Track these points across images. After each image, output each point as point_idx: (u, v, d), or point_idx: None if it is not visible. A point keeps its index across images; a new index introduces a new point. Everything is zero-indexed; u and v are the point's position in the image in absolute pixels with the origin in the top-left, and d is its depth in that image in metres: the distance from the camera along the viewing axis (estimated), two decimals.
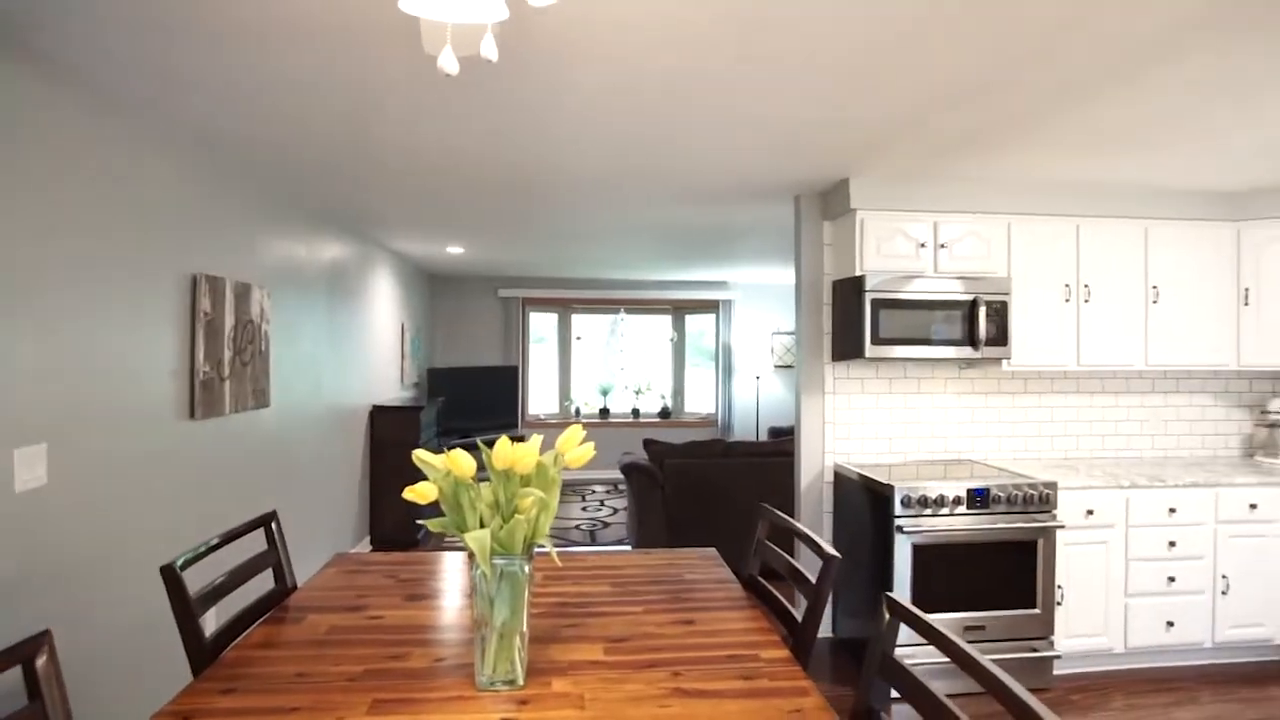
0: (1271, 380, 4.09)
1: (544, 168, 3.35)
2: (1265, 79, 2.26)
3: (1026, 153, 3.07)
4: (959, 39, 1.97)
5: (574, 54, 2.05)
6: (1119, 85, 2.32)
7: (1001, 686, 1.00)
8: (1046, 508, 3.19)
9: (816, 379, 3.77)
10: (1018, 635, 3.18)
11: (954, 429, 3.86)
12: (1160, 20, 1.85)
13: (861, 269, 3.46)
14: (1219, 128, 2.73)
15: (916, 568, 3.12)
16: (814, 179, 3.56)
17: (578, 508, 6.88)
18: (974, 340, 3.43)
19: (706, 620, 1.69)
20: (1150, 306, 3.68)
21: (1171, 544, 3.34)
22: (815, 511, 3.76)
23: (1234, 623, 3.38)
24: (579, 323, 8.66)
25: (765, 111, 2.57)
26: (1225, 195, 3.74)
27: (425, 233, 5.23)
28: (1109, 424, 3.97)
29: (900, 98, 2.43)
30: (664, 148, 3.03)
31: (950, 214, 3.53)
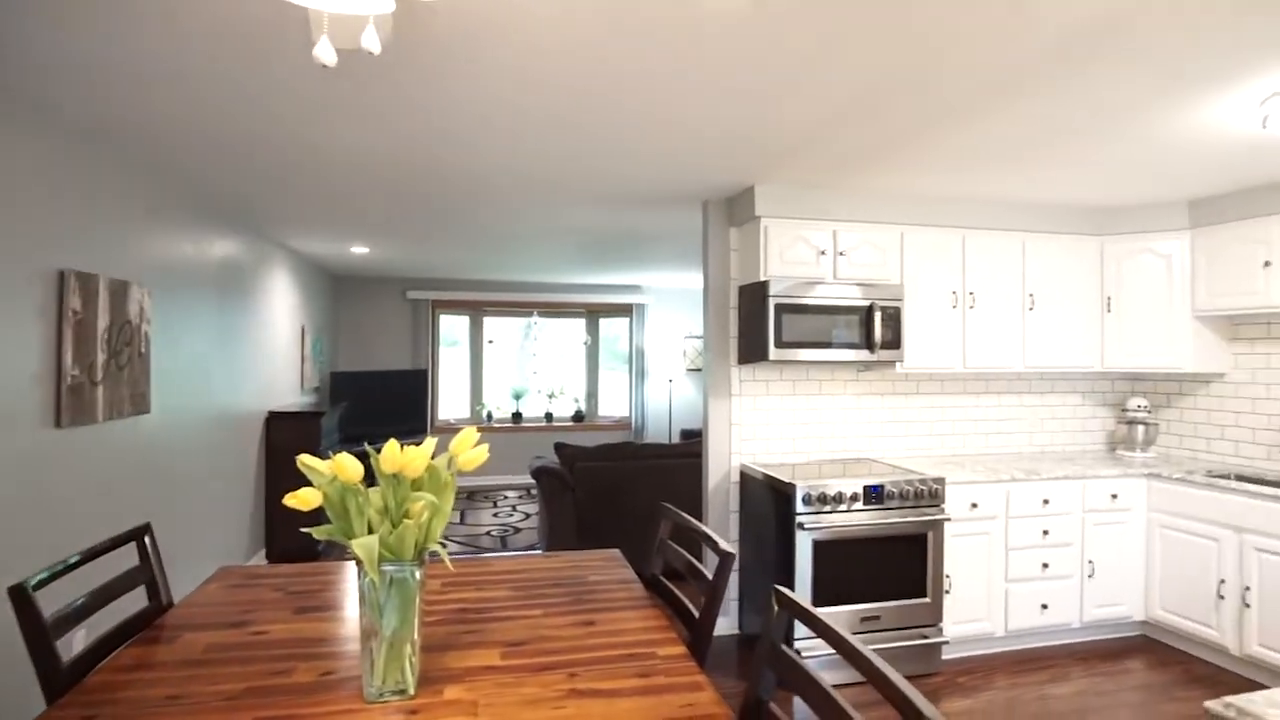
0: (1130, 381, 4.48)
1: (449, 170, 3.29)
2: (1118, 108, 2.48)
3: (916, 167, 3.25)
4: (851, 59, 2.07)
5: (475, 57, 2.02)
6: (993, 110, 2.49)
7: (879, 674, 1.05)
8: (936, 502, 3.38)
9: (723, 381, 3.86)
10: (910, 624, 3.35)
11: (853, 429, 4.03)
12: (1023, 51, 2.01)
13: (765, 274, 3.57)
14: (1082, 150, 2.98)
15: (817, 562, 3.23)
16: (721, 186, 3.65)
17: (489, 514, 6.76)
18: (870, 344, 3.59)
19: (606, 621, 1.69)
20: (1027, 313, 3.97)
21: (1045, 532, 3.61)
22: (722, 511, 3.84)
23: (1098, 603, 3.68)
24: (491, 325, 8.53)
25: (672, 121, 2.62)
26: (1091, 211, 4.08)
27: (326, 232, 5.02)
28: (992, 422, 4.25)
29: (799, 113, 2.53)
30: (573, 153, 3.03)
31: (849, 223, 3.69)
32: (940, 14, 1.82)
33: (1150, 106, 2.49)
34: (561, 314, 8.68)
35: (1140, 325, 3.98)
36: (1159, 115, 2.57)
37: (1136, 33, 1.92)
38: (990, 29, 1.90)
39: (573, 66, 2.13)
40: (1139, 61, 2.11)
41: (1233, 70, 2.18)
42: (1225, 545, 3.35)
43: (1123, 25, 1.88)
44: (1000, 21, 1.85)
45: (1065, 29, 1.90)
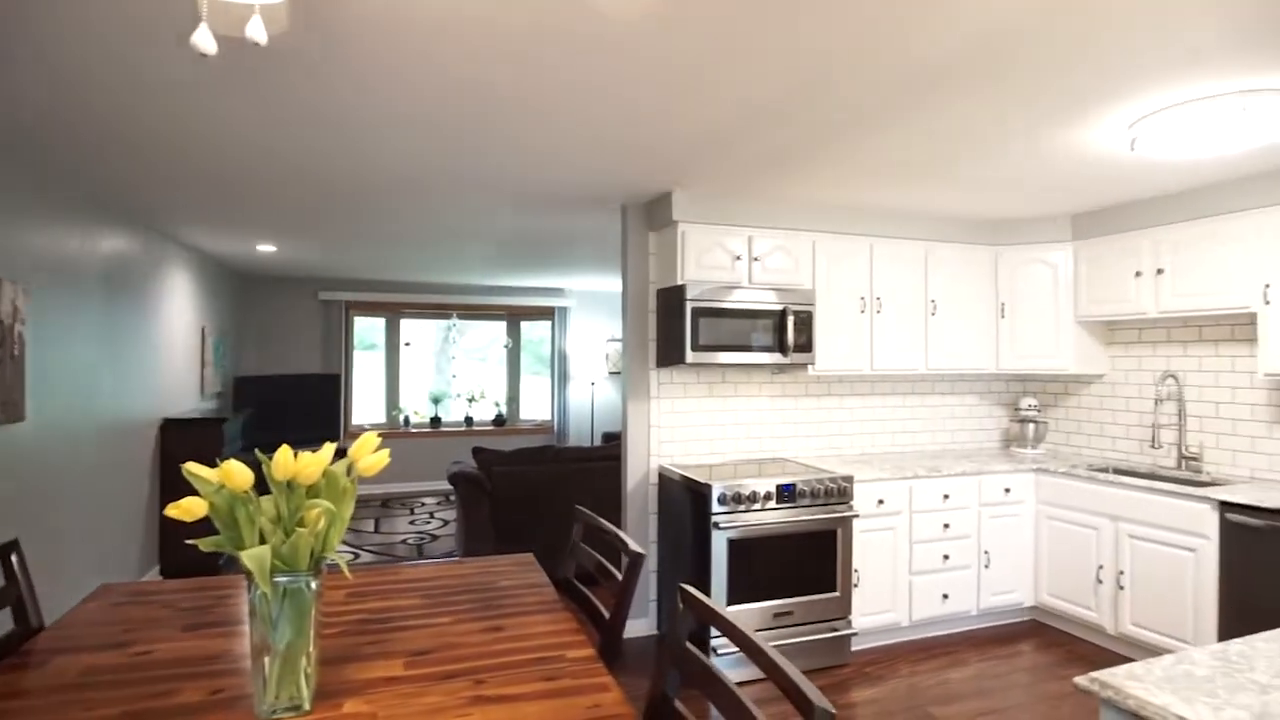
0: (1022, 382, 4.78)
1: (360, 169, 3.19)
2: (1001, 128, 2.65)
3: (825, 178, 3.38)
4: (752, 71, 2.13)
5: (383, 53, 1.97)
6: (887, 126, 2.62)
7: (775, 667, 1.09)
8: (845, 499, 3.51)
9: (642, 384, 3.89)
10: (821, 617, 3.46)
11: (768, 429, 4.14)
12: (911, 71, 2.12)
13: (683, 279, 3.62)
14: (974, 166, 3.16)
15: (732, 561, 3.30)
16: (639, 191, 3.68)
17: (405, 521, 6.57)
18: (784, 347, 3.70)
19: (515, 626, 1.68)
20: (930, 318, 4.17)
21: (946, 526, 3.80)
22: (641, 512, 3.87)
23: (994, 591, 3.91)
24: (409, 328, 8.30)
25: (587, 126, 2.62)
26: (987, 223, 4.34)
27: (228, 229, 4.77)
28: (898, 422, 4.45)
29: (709, 120, 2.58)
30: (490, 155, 3.00)
31: (763, 229, 3.79)
32: (829, 33, 1.89)
33: (1031, 127, 2.66)
34: (482, 316, 8.54)
35: (1031, 330, 4.26)
36: (1040, 135, 2.76)
37: (1014, 59, 2.06)
38: (878, 48, 1.99)
39: (488, 68, 2.11)
40: (1017, 85, 2.26)
41: (1103, 96, 2.36)
42: (1103, 533, 3.61)
43: (1000, 51, 2.01)
44: (887, 41, 1.95)
45: (949, 52, 2.01)
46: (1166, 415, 3.96)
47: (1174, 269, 3.63)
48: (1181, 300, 3.60)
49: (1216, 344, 3.74)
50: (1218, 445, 3.71)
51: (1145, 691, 1.31)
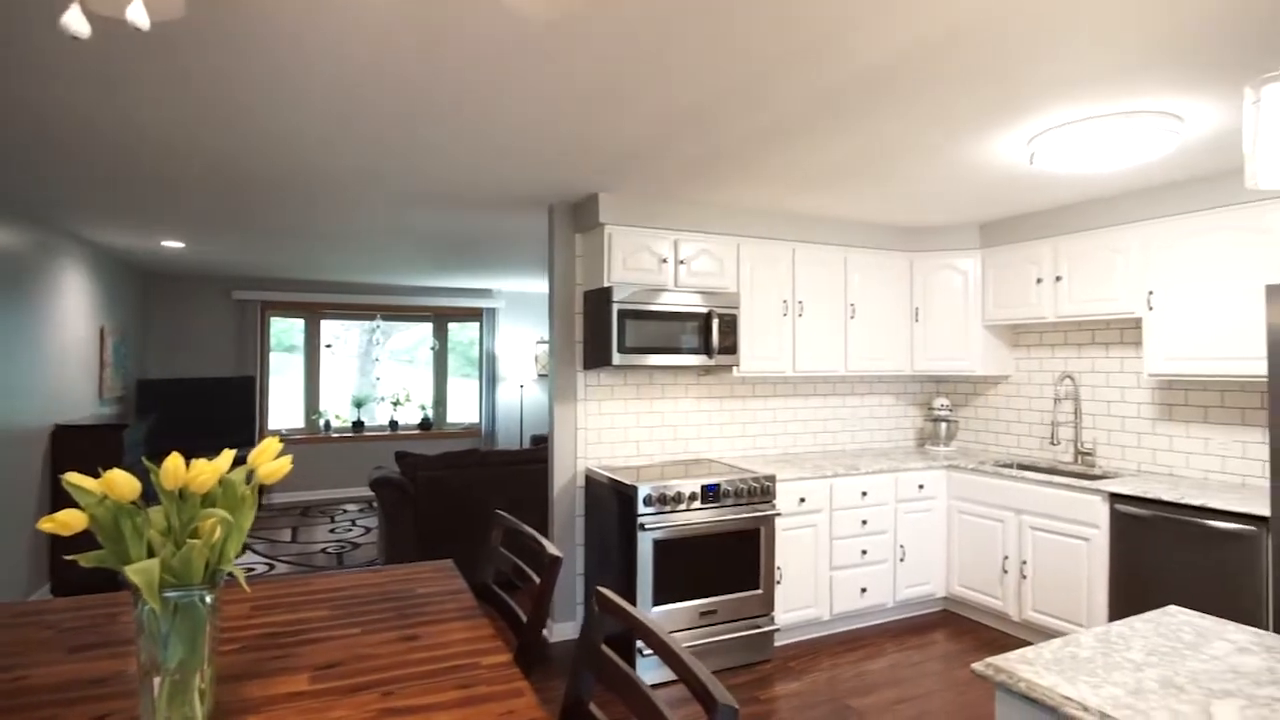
0: (936, 383, 5.00)
1: (271, 164, 3.06)
2: (912, 140, 2.77)
3: (749, 183, 3.44)
4: (680, 75, 2.15)
5: (292, 43, 1.90)
6: (806, 135, 2.69)
7: (683, 665, 1.10)
8: (768, 498, 3.58)
9: (569, 386, 3.87)
10: (745, 615, 3.52)
11: (694, 431, 4.19)
12: (826, 85, 2.19)
13: (609, 281, 3.63)
14: (887, 175, 3.29)
15: (658, 561, 3.32)
16: (566, 193, 3.67)
17: (325, 529, 6.34)
18: (710, 349, 3.75)
19: (430, 634, 1.64)
20: (849, 321, 4.31)
21: (864, 522, 3.93)
22: (568, 515, 3.85)
23: (908, 583, 4.07)
24: (330, 329, 8.02)
25: (511, 126, 2.60)
26: (902, 230, 4.52)
27: (131, 223, 4.50)
28: (819, 422, 4.58)
29: (634, 126, 2.60)
30: (406, 153, 2.92)
31: (689, 233, 3.84)
32: (752, 45, 1.94)
33: (943, 140, 2.79)
34: (408, 318, 8.33)
35: (942, 333, 4.45)
36: (951, 147, 2.89)
37: (927, 76, 2.16)
38: (801, 61, 2.05)
39: (403, 64, 2.06)
40: (930, 100, 2.37)
41: (1007, 113, 2.50)
42: (1008, 525, 3.81)
43: (914, 69, 2.10)
44: (810, 55, 2.01)
45: (866, 68, 2.09)
46: (1064, 413, 4.21)
47: (1070, 276, 3.87)
48: (1077, 306, 3.84)
49: (1107, 347, 4.00)
50: (1109, 441, 3.97)
51: (1034, 674, 1.39)
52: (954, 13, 1.79)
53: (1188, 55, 2.05)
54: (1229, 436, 3.48)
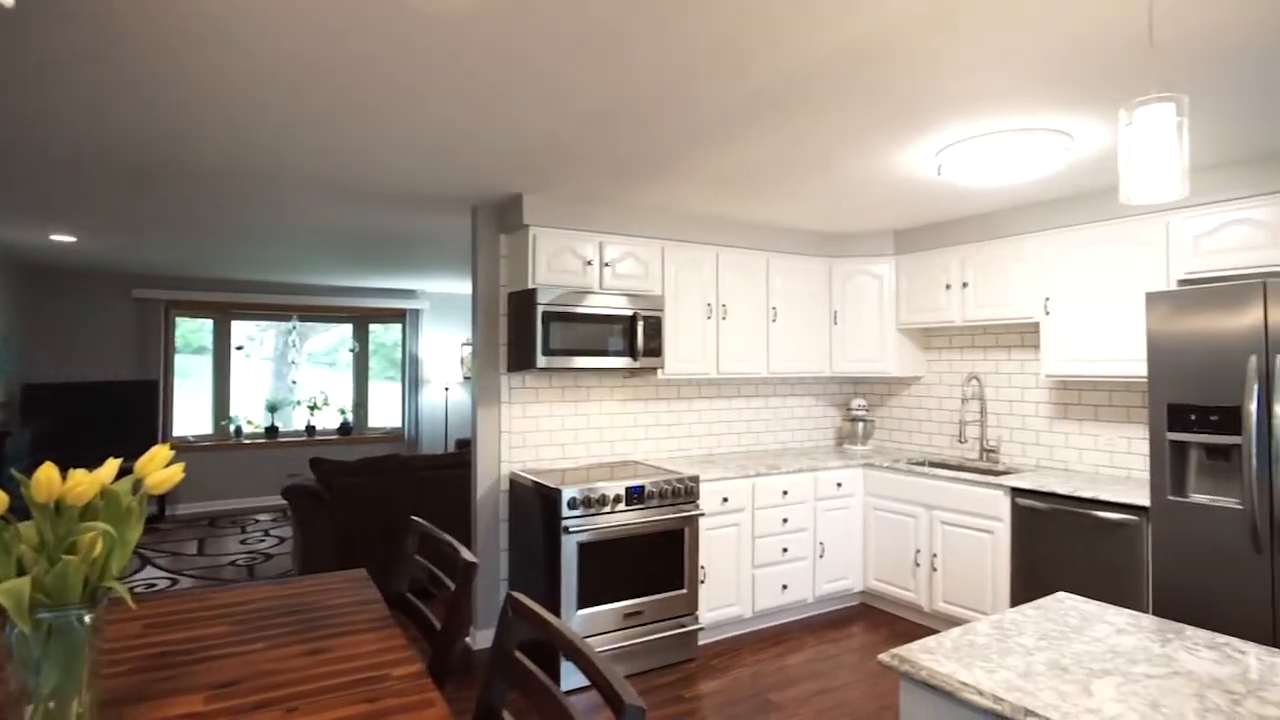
0: (854, 384, 5.18)
1: (173, 152, 2.89)
2: (824, 150, 2.86)
3: (673, 186, 3.48)
4: (600, 77, 2.16)
5: (192, 27, 1.80)
6: (736, 140, 2.75)
7: (594, 668, 1.10)
8: (691, 499, 3.62)
9: (493, 389, 3.81)
10: (670, 615, 3.55)
11: (620, 433, 4.19)
12: (743, 92, 2.24)
13: (534, 282, 3.60)
14: (803, 183, 3.39)
15: (583, 564, 3.31)
16: (490, 193, 3.62)
17: (235, 541, 6.04)
18: (635, 351, 3.77)
19: (339, 646, 1.58)
20: (771, 324, 4.41)
21: (785, 520, 4.03)
22: (492, 520, 3.79)
23: (828, 578, 4.19)
24: (241, 330, 7.65)
25: (431, 124, 2.54)
26: (822, 236, 4.66)
27: (12, 214, 4.17)
28: (743, 423, 4.67)
29: (556, 127, 2.59)
30: (323, 149, 2.82)
31: (615, 235, 3.85)
32: (673, 51, 1.96)
33: (858, 149, 2.89)
34: (327, 319, 8.04)
35: (859, 336, 4.62)
36: (865, 157, 3.00)
37: (842, 87, 2.23)
38: (720, 69, 2.09)
39: (314, 49, 1.98)
40: (845, 110, 2.45)
41: (916, 126, 2.61)
42: (920, 521, 3.98)
43: (830, 80, 2.17)
44: (730, 62, 2.05)
45: (785, 77, 2.14)
46: (971, 413, 4.43)
47: (976, 283, 4.08)
48: (982, 311, 4.05)
49: (1010, 349, 4.23)
50: (1012, 438, 4.20)
51: (934, 662, 1.46)
52: (865, 27, 1.86)
53: (1074, 78, 2.19)
54: (1116, 433, 3.74)
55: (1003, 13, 1.78)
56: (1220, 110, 2.46)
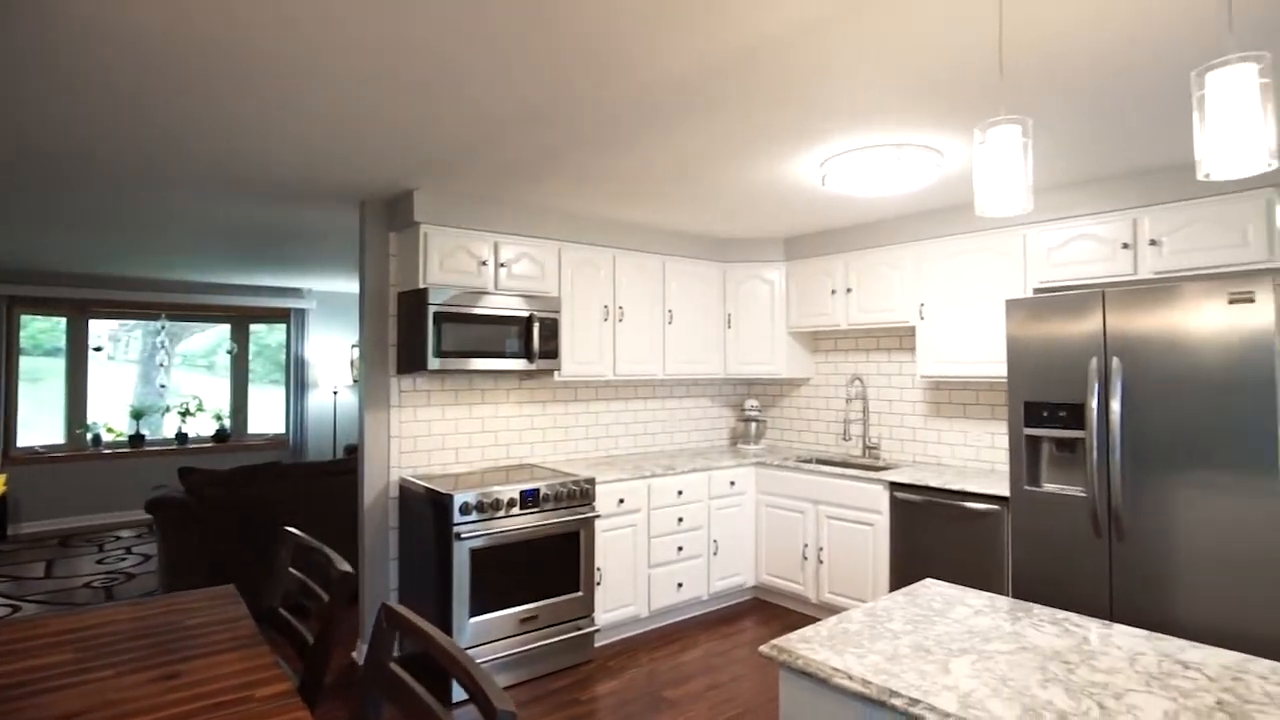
0: (747, 385, 5.33)
1: (11, 130, 2.61)
2: (714, 157, 2.93)
3: (569, 188, 3.47)
4: (489, 79, 2.12)
5: None
6: (628, 143, 2.77)
7: (466, 674, 1.07)
8: (587, 500, 3.62)
9: (382, 392, 3.67)
10: (566, 618, 3.53)
11: (516, 436, 4.14)
12: (629, 99, 2.26)
13: (425, 282, 3.49)
14: (702, 189, 3.46)
15: (476, 571, 3.24)
16: (379, 188, 3.48)
17: (92, 561, 5.52)
18: (530, 353, 3.73)
19: (197, 669, 1.48)
20: (667, 327, 4.48)
21: (680, 520, 4.09)
22: (381, 528, 3.65)
23: (721, 575, 4.29)
24: (101, 330, 7.01)
25: (314, 113, 2.41)
26: (716, 241, 4.77)
27: None
28: (640, 424, 4.71)
29: (448, 126, 2.52)
30: (191, 135, 2.62)
31: (510, 236, 3.79)
32: (564, 53, 1.96)
33: (747, 156, 2.98)
34: (202, 318, 7.49)
35: (752, 339, 4.76)
36: (755, 164, 3.09)
37: (730, 94, 2.29)
38: (611, 73, 2.10)
39: (204, 23, 1.84)
40: (734, 117, 2.52)
41: (802, 136, 2.72)
42: (808, 516, 4.15)
43: (718, 87, 2.22)
44: (621, 66, 2.06)
45: (675, 83, 2.18)
46: (855, 412, 4.66)
47: (859, 289, 4.30)
48: (864, 315, 4.27)
49: (889, 352, 4.49)
50: (891, 436, 4.45)
51: (810, 651, 1.52)
52: (750, 36, 1.92)
53: (940, 99, 2.35)
54: (983, 429, 4.03)
55: (875, 33, 1.89)
56: (1067, 137, 2.71)
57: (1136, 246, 3.20)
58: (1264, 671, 1.38)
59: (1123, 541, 2.83)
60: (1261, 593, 2.51)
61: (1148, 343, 2.77)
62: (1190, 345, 2.67)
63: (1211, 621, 2.61)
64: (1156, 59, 2.06)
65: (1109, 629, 1.62)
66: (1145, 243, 3.17)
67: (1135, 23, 1.85)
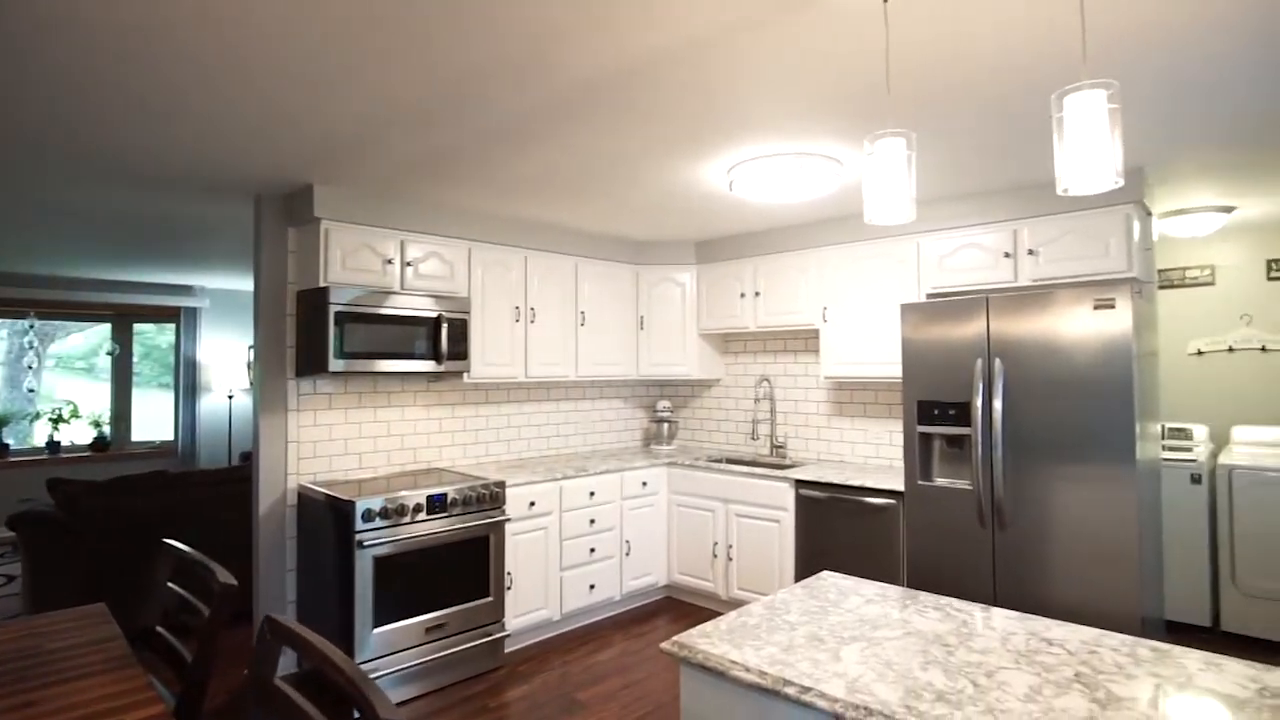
0: (660, 386, 5.39)
1: None
2: (625, 159, 2.96)
3: (479, 187, 3.41)
4: (396, 66, 2.06)
5: None
6: (538, 142, 2.75)
7: (351, 683, 1.04)
8: (497, 504, 3.57)
9: (278, 395, 3.50)
10: (475, 624, 3.46)
11: (424, 440, 4.03)
12: (540, 97, 2.26)
13: (326, 280, 3.35)
14: (613, 191, 3.48)
15: (379, 580, 3.13)
16: (277, 181, 3.32)
17: None
18: (439, 355, 3.64)
19: (56, 696, 1.36)
20: (580, 328, 4.47)
21: (592, 521, 4.09)
22: (277, 539, 3.48)
23: (634, 575, 4.32)
24: None
25: (198, 95, 2.28)
26: (629, 243, 4.80)
27: None
28: (552, 426, 4.68)
29: (348, 117, 2.43)
30: (80, 112, 2.42)
31: (418, 234, 3.70)
32: (469, 47, 1.93)
33: (656, 159, 3.02)
34: (79, 317, 6.92)
35: (664, 340, 4.82)
36: (664, 167, 3.14)
37: (631, 96, 2.31)
38: (520, 69, 2.08)
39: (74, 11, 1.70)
40: (636, 120, 2.54)
41: (709, 142, 2.78)
42: (718, 514, 4.23)
43: (628, 89, 2.24)
44: (530, 63, 2.05)
45: (572, 82, 2.18)
46: (763, 412, 4.79)
47: (766, 292, 4.42)
48: (771, 318, 4.39)
49: (796, 354, 4.64)
50: (797, 435, 4.60)
51: (710, 645, 1.55)
52: (658, 41, 1.94)
53: (838, 112, 2.45)
54: (882, 427, 4.23)
55: (776, 47, 1.95)
56: (953, 153, 2.88)
57: (1017, 256, 3.44)
58: (1116, 644, 1.51)
59: (1004, 530, 3.03)
60: (1118, 573, 2.74)
61: (1026, 345, 2.98)
62: (1062, 348, 2.89)
63: (1078, 601, 2.83)
64: (1027, 90, 2.22)
65: (987, 612, 1.74)
66: (1024, 252, 3.41)
67: (1000, 54, 1.98)
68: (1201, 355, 4.58)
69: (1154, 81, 2.21)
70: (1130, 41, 1.94)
